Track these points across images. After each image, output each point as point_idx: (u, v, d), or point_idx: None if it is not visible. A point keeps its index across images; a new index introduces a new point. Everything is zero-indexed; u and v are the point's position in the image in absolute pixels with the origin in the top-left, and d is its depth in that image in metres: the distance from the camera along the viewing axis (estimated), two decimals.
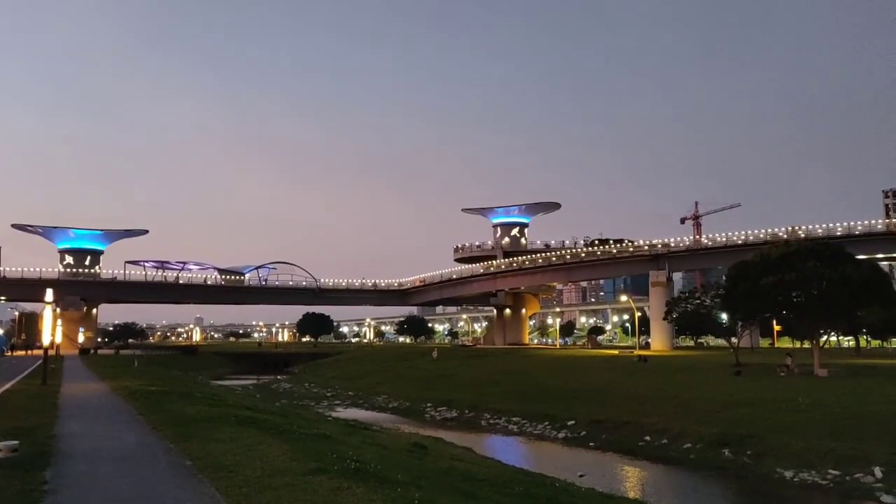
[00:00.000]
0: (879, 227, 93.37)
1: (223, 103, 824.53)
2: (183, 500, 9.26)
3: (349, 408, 50.47)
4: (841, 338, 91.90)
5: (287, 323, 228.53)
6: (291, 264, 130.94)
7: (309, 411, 40.71)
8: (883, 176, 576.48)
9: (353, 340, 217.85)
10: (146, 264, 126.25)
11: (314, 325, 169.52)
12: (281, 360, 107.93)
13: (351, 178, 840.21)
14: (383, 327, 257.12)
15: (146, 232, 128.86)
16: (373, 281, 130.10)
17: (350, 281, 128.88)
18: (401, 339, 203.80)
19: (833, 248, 48.13)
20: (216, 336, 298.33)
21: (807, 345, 60.18)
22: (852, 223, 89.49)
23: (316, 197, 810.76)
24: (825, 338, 53.41)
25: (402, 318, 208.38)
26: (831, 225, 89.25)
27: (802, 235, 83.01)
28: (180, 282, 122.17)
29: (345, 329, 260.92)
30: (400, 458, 15.73)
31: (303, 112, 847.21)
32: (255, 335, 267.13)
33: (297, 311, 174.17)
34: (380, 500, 9.15)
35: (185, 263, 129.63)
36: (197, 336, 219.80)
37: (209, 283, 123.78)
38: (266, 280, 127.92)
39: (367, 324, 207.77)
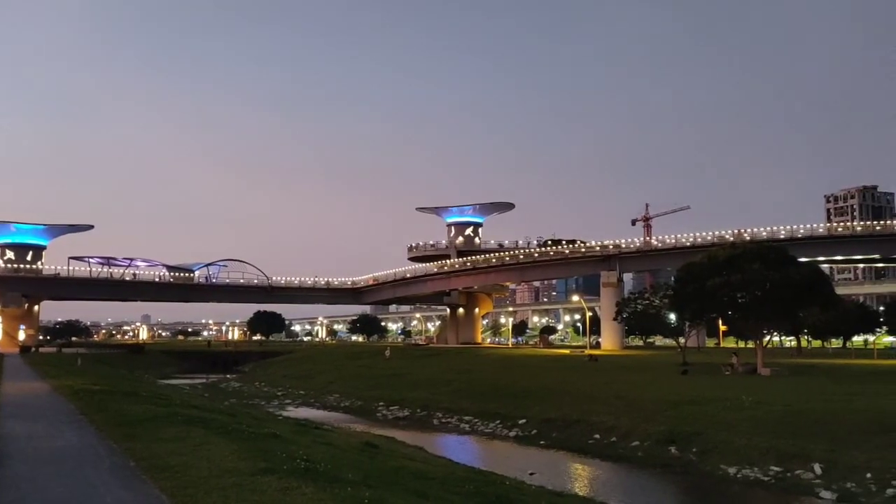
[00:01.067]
0: (821, 230, 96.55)
1: (173, 99, 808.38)
2: (126, 501, 9.06)
3: (300, 407, 49.99)
4: (783, 338, 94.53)
5: (238, 321, 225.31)
6: (243, 262, 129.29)
7: (259, 410, 40.20)
8: (825, 181, 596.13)
9: (306, 339, 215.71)
10: (91, 260, 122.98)
11: (265, 323, 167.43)
12: (231, 358, 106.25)
13: (304, 176, 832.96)
14: (336, 326, 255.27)
15: (91, 227, 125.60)
16: (326, 279, 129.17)
17: (302, 279, 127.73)
18: (353, 337, 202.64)
19: (777, 251, 49.51)
20: (164, 334, 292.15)
21: (751, 344, 61.82)
22: (795, 227, 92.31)
23: (269, 195, 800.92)
24: (768, 338, 54.95)
25: (355, 317, 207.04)
26: (775, 228, 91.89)
27: (748, 238, 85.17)
28: (127, 279, 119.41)
29: (297, 328, 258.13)
30: (351, 458, 15.64)
31: (257, 108, 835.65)
32: (205, 333, 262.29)
33: (248, 310, 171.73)
34: (329, 499, 9.08)
35: (132, 260, 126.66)
36: (144, 334, 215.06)
37: (157, 280, 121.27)
38: (216, 277, 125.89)
39: (319, 322, 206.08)
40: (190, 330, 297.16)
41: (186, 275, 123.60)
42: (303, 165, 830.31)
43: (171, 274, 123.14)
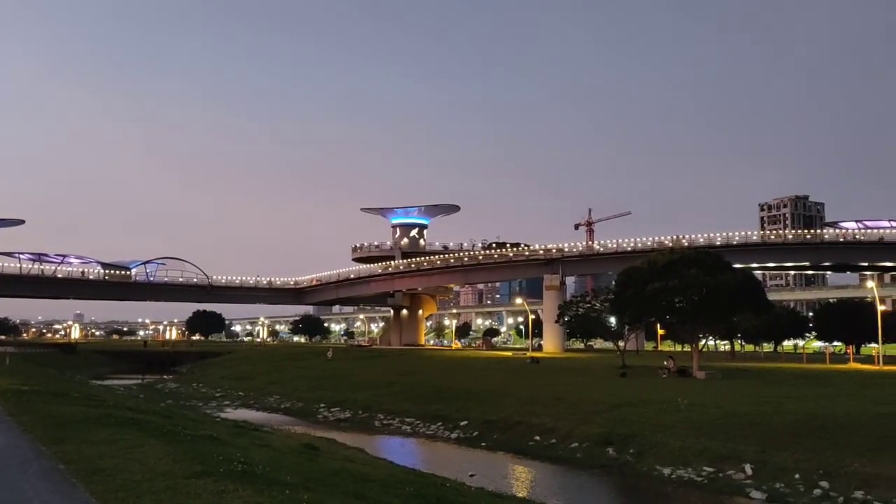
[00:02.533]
0: (755, 238, 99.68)
1: (112, 94, 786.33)
2: None
3: (239, 408, 49.14)
4: (718, 342, 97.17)
5: (176, 321, 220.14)
6: (182, 260, 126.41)
7: (196, 412, 39.35)
8: (760, 190, 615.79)
9: (246, 339, 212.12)
10: (21, 256, 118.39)
11: (204, 323, 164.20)
12: (168, 359, 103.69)
13: (247, 175, 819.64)
14: (278, 326, 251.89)
15: (22, 222, 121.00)
16: (267, 279, 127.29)
17: (244, 278, 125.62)
18: (295, 338, 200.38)
19: (713, 257, 50.86)
20: (98, 333, 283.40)
21: (687, 348, 63.37)
22: (731, 234, 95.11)
23: (211, 194, 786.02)
24: (704, 341, 56.42)
25: (297, 318, 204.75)
26: (712, 235, 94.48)
27: (686, 244, 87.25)
28: (59, 276, 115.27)
29: (237, 328, 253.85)
30: (290, 460, 15.44)
31: (199, 105, 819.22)
32: (141, 333, 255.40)
33: (186, 309, 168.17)
34: (266, 502, 8.93)
35: (64, 256, 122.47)
36: (76, 333, 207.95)
37: (91, 277, 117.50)
38: (154, 276, 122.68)
39: (260, 322, 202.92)
40: (125, 329, 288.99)
41: (122, 273, 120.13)
42: (246, 165, 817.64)
43: (107, 272, 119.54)
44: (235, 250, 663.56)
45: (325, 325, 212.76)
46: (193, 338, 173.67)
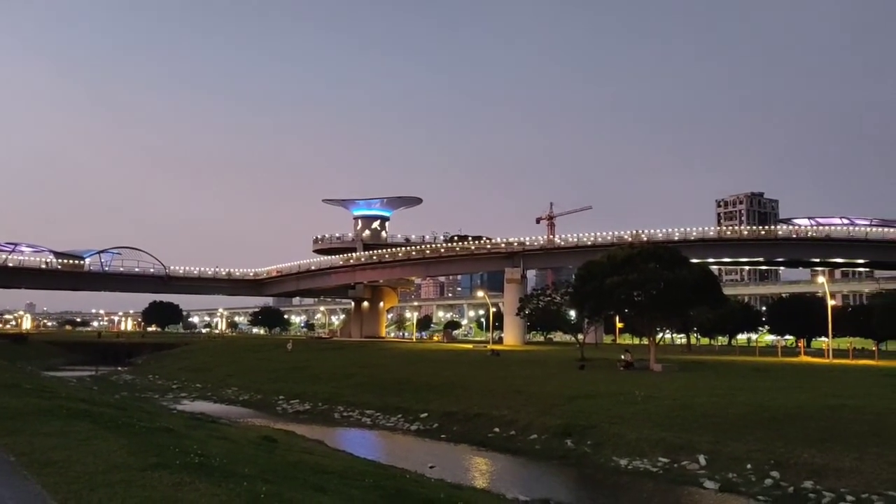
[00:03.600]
0: (711, 233, 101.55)
1: (68, 81, 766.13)
2: (5, 498, 8.52)
3: (196, 401, 48.51)
4: (675, 335, 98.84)
5: (132, 311, 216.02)
6: (138, 250, 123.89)
7: (152, 404, 38.77)
8: (717, 187, 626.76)
9: (204, 331, 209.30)
10: None
11: (161, 314, 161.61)
12: (123, 350, 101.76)
13: (208, 165, 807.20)
14: (237, 318, 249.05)
15: None
16: (227, 270, 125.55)
17: (202, 269, 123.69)
18: (255, 330, 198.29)
19: (671, 252, 51.63)
20: (50, 324, 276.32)
21: (645, 341, 64.33)
22: (689, 229, 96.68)
23: (171, 184, 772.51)
24: (661, 335, 57.33)
25: (256, 309, 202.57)
26: (670, 230, 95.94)
27: (645, 239, 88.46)
28: (9, 264, 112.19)
29: (195, 319, 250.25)
30: (248, 452, 15.30)
31: (157, 92, 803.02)
32: (95, 324, 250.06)
33: (143, 300, 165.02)
34: (223, 494, 8.84)
35: (15, 245, 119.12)
36: (28, 324, 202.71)
37: (43, 266, 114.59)
38: (109, 266, 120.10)
39: (219, 314, 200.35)
40: (79, 320, 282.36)
41: (76, 262, 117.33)
42: (207, 154, 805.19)
43: (59, 261, 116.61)
44: (194, 242, 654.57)
45: (286, 316, 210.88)
46: (150, 329, 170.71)
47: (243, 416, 38.34)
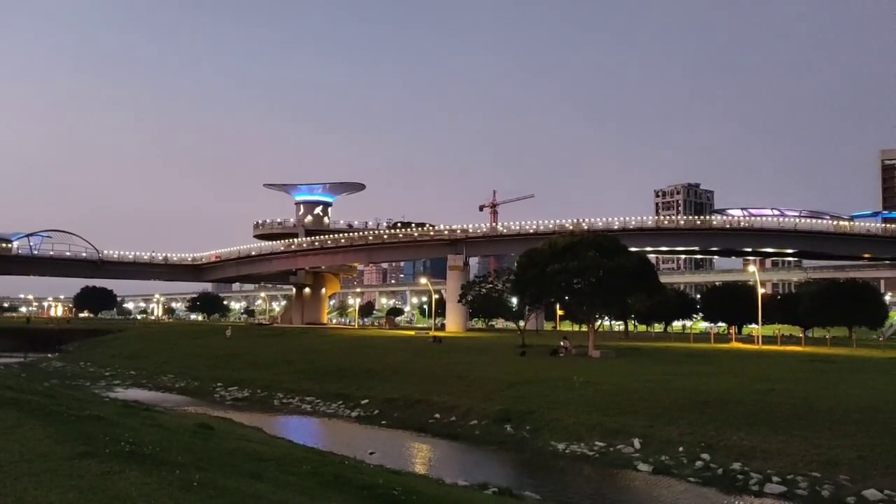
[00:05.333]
0: (649, 223, 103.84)
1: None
2: None
3: (130, 388, 47.35)
4: (613, 322, 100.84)
5: (63, 297, 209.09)
6: (70, 233, 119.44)
7: (83, 392, 37.70)
8: (656, 177, 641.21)
9: (140, 317, 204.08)
10: None
11: (95, 299, 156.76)
12: (53, 336, 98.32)
13: (146, 147, 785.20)
14: (174, 304, 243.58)
15: None
16: (164, 254, 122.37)
17: (138, 254, 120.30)
18: (193, 316, 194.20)
19: (610, 240, 52.53)
20: None
21: (585, 328, 65.45)
22: (628, 218, 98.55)
23: (105, 166, 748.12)
24: (600, 322, 58.45)
25: (195, 295, 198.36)
26: (610, 219, 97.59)
27: (586, 227, 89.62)
28: None
29: (130, 305, 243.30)
30: (182, 440, 14.97)
31: (93, 70, 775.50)
32: (24, 309, 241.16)
33: (74, 285, 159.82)
34: (155, 483, 8.62)
35: None
36: None
37: None
38: (39, 249, 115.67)
39: (155, 300, 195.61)
40: (6, 305, 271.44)
41: (3, 245, 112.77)
42: (145, 137, 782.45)
43: None
44: (131, 226, 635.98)
45: (225, 302, 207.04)
46: (82, 315, 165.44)
47: (179, 404, 37.58)
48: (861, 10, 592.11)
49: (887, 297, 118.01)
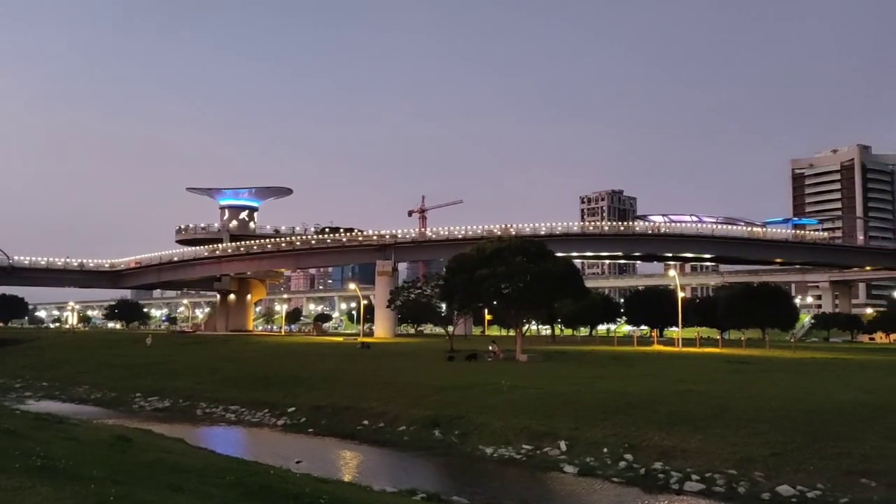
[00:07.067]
0: (575, 228, 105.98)
1: None
2: None
3: (43, 400, 45.29)
4: (540, 326, 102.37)
5: None
6: None
7: None
8: (581, 183, 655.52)
9: (53, 326, 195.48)
10: None
11: (4, 307, 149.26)
12: None
13: (61, 148, 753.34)
14: (90, 312, 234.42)
15: None
16: (79, 260, 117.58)
17: (51, 259, 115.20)
18: (111, 324, 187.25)
19: (537, 246, 53.40)
20: None
21: (513, 333, 66.21)
22: (554, 224, 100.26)
23: (15, 163, 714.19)
24: (527, 326, 59.27)
25: (113, 302, 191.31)
26: (537, 225, 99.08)
27: (513, 233, 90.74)
28: None
29: (43, 313, 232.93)
30: (98, 453, 14.41)
31: (8, 71, 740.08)
32: None
33: None
34: (68, 498, 8.28)
35: None
36: None
37: None
38: None
39: (70, 307, 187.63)
40: None
41: None
42: (62, 137, 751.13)
43: None
44: (44, 230, 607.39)
45: (145, 310, 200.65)
46: None
47: (96, 416, 36.13)
48: (773, 22, 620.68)
49: (797, 300, 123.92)
